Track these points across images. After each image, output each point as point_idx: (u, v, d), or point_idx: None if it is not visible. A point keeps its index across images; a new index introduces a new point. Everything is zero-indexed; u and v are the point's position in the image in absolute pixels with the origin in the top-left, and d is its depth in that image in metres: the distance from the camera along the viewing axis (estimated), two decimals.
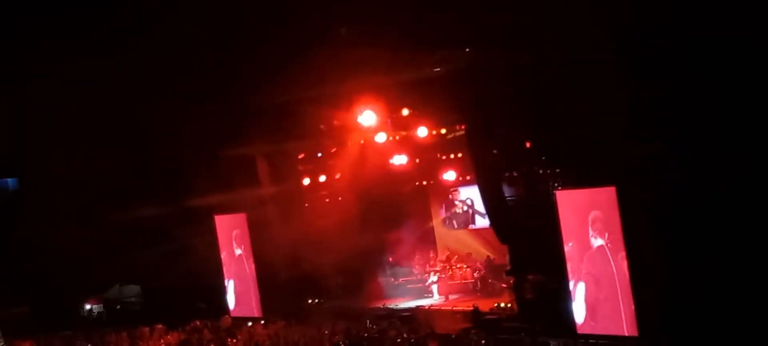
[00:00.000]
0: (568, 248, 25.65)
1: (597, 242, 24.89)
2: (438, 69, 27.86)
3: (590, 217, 24.93)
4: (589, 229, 24.98)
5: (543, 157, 26.95)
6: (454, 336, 27.34)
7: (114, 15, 32.77)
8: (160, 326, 33.34)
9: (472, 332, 27.79)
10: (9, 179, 42.39)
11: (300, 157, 35.44)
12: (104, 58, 33.63)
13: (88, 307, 39.65)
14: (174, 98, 33.74)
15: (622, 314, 24.58)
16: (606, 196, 24.46)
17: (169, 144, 35.34)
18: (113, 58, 33.68)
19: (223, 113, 33.11)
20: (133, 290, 40.18)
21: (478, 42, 26.40)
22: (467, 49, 26.94)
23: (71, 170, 37.08)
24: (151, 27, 32.46)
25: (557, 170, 26.63)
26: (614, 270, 24.63)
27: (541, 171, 27.18)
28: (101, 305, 39.73)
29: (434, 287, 34.42)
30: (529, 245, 27.55)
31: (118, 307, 39.87)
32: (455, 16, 26.06)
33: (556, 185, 26.40)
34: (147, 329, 33.32)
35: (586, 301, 25.56)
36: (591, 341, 25.38)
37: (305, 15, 29.23)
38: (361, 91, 31.01)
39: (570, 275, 25.71)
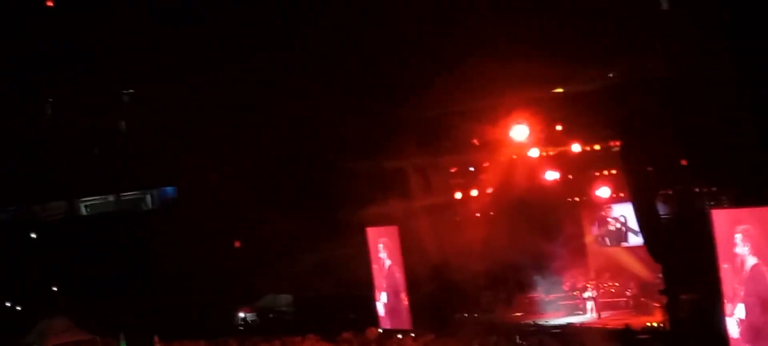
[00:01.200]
0: (724, 268, 25.13)
1: (751, 260, 24.30)
2: (592, 84, 27.58)
3: (742, 234, 24.36)
4: (744, 247, 24.41)
5: (698, 177, 26.47)
6: None
7: (266, 32, 33.41)
8: (311, 335, 33.74)
9: None
10: (168, 188, 43.50)
11: (452, 171, 35.45)
12: (258, 74, 34.32)
13: (241, 315, 40.32)
14: (329, 112, 34.15)
15: None
16: (763, 215, 23.88)
17: (323, 157, 35.80)
18: (268, 73, 34.31)
19: (377, 127, 33.41)
20: (285, 299, 40.67)
21: (633, 57, 26.06)
22: (621, 64, 26.61)
23: (228, 182, 37.87)
24: (305, 43, 32.94)
25: (713, 189, 26.14)
26: None
27: (696, 189, 26.72)
28: (254, 314, 40.38)
29: (587, 305, 34.02)
30: (683, 264, 27.05)
31: (271, 315, 40.40)
32: (610, 30, 25.85)
33: (711, 203, 25.91)
34: (299, 338, 33.78)
35: (747, 323, 24.94)
36: None
37: (459, 30, 29.33)
38: (514, 106, 30.93)
39: (725, 296, 25.21)
